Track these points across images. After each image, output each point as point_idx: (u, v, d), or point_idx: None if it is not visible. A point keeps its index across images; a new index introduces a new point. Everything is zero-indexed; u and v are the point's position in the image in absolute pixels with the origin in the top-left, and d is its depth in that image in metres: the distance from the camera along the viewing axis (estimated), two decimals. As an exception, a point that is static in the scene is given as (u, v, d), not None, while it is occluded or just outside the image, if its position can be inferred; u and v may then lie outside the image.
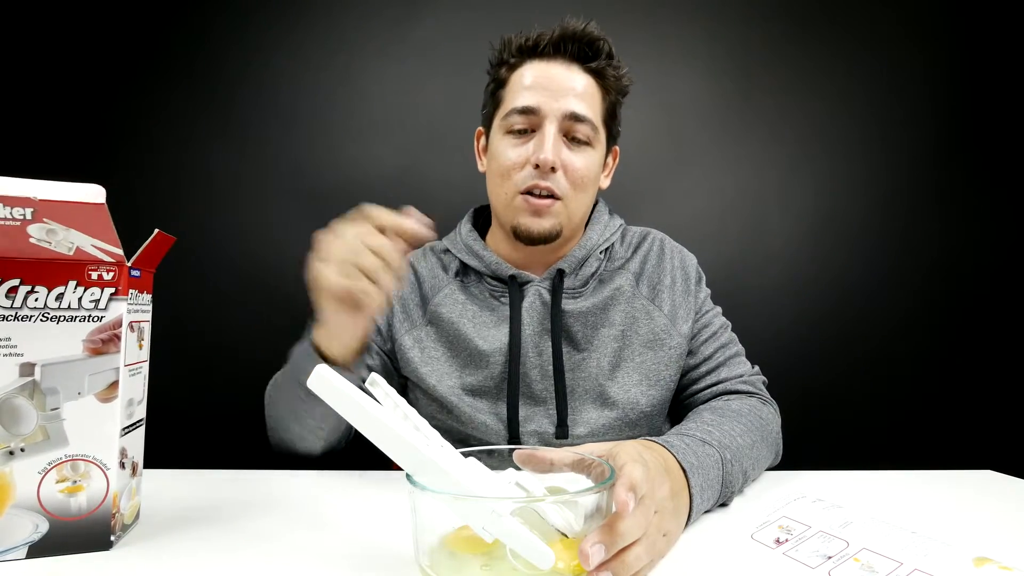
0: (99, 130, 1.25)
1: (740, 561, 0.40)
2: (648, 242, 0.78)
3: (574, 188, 0.68)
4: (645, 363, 0.71)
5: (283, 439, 0.67)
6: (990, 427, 1.42)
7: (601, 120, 0.70)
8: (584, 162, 0.68)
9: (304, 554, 0.41)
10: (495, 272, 0.72)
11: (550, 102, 0.66)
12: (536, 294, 0.71)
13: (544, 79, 0.67)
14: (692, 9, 1.39)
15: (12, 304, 0.38)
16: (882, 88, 1.42)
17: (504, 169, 0.68)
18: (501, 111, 0.70)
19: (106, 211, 0.37)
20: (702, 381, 0.72)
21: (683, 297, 0.73)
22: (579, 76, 0.68)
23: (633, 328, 0.71)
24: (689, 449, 0.49)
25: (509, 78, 0.70)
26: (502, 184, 0.69)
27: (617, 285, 0.73)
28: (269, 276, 1.30)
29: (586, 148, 0.69)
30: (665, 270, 0.74)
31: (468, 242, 0.75)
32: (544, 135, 0.66)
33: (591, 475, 0.37)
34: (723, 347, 0.74)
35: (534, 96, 0.66)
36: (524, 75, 0.68)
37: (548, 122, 0.66)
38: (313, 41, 1.30)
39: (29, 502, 0.39)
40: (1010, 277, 1.43)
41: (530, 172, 0.67)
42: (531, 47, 0.68)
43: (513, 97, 0.68)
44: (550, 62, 0.68)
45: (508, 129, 0.69)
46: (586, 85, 0.68)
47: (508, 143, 0.69)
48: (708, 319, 0.75)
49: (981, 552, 0.38)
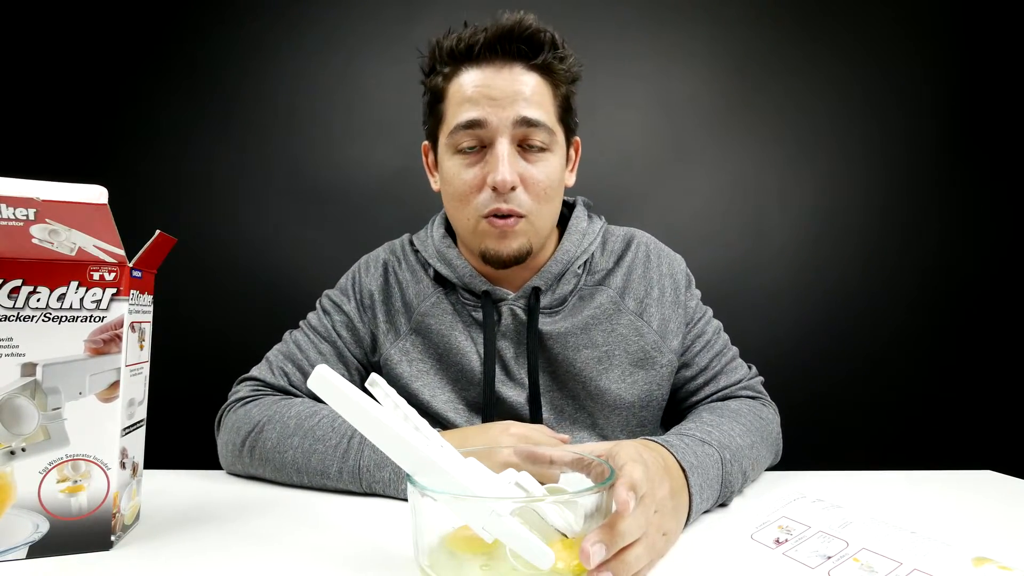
0: (101, 131, 1.26)
1: (740, 561, 0.40)
2: (632, 250, 0.72)
3: (538, 201, 0.63)
4: (636, 383, 0.68)
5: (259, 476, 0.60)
6: (990, 427, 1.42)
7: (556, 119, 0.64)
8: (545, 172, 0.62)
9: (304, 554, 0.41)
10: (468, 286, 0.68)
11: (497, 112, 0.60)
12: (511, 313, 0.67)
13: (486, 87, 0.60)
14: (692, 9, 1.39)
15: (14, 304, 0.39)
16: (882, 88, 1.42)
17: (460, 194, 0.63)
18: (445, 127, 0.64)
19: (108, 212, 0.37)
20: (701, 392, 0.70)
21: (672, 309, 0.70)
22: (524, 76, 0.61)
23: (620, 347, 0.67)
24: (688, 449, 0.49)
25: (447, 89, 0.63)
26: (462, 209, 0.64)
27: (598, 304, 0.68)
28: (269, 276, 1.30)
29: (544, 155, 0.63)
30: (652, 281, 0.70)
31: (441, 249, 0.70)
32: (496, 153, 0.60)
33: (591, 475, 0.37)
34: (718, 355, 0.71)
35: (478, 108, 0.60)
36: (463, 85, 0.61)
37: (499, 135, 0.60)
38: (313, 41, 1.31)
39: (30, 502, 0.39)
40: (1010, 277, 1.43)
41: (489, 195, 0.61)
42: (464, 51, 0.61)
43: (455, 111, 0.62)
44: (489, 66, 0.61)
45: (456, 148, 0.62)
46: (534, 85, 0.61)
47: (459, 164, 0.63)
48: (701, 328, 0.72)
49: (980, 552, 0.38)
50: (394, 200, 1.32)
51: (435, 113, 0.66)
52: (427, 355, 0.69)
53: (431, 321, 0.69)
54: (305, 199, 1.31)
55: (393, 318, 0.71)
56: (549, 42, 0.62)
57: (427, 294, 0.70)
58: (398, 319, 0.71)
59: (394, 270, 0.73)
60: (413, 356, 0.69)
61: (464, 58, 0.62)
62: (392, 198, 1.32)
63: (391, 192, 1.32)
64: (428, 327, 0.69)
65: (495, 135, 0.60)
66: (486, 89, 0.60)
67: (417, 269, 0.72)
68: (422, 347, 0.69)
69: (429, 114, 0.67)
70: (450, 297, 0.70)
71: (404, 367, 0.69)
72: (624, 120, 1.40)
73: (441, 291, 0.70)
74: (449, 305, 0.69)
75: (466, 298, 0.69)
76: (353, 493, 0.55)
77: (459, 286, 0.68)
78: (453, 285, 0.69)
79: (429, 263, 0.71)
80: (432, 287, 0.70)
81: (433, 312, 0.69)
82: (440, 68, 0.64)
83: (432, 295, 0.70)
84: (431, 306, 0.69)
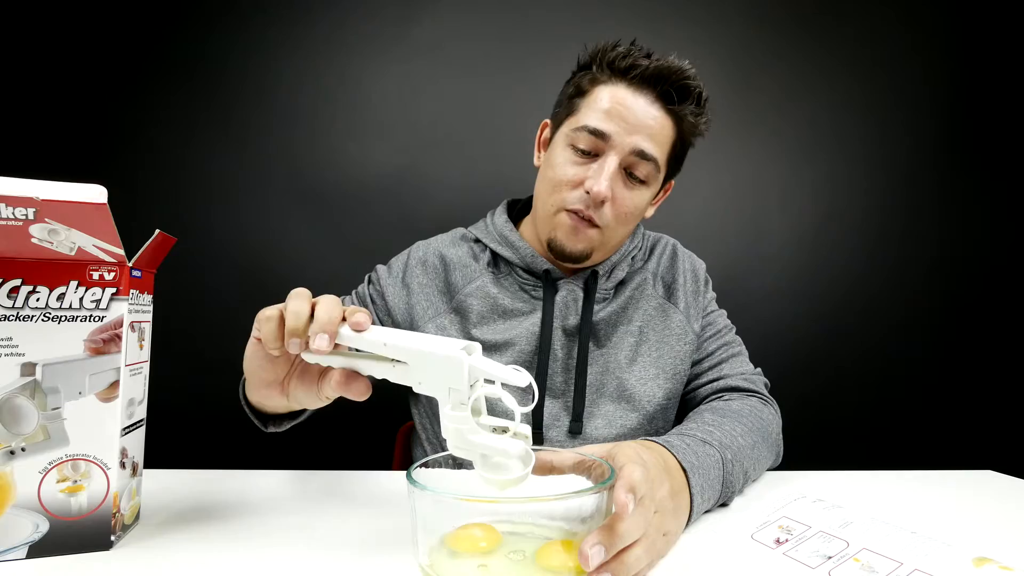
0: (101, 130, 1.25)
1: (740, 561, 0.40)
2: (661, 246, 0.80)
3: (617, 221, 0.67)
4: (662, 357, 0.72)
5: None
6: (990, 427, 1.42)
7: (665, 161, 0.68)
8: (635, 201, 0.67)
9: (304, 554, 0.41)
10: (529, 265, 0.72)
11: (622, 135, 0.64)
12: (570, 291, 0.71)
13: (623, 108, 0.64)
14: (692, 9, 1.39)
15: (14, 304, 0.39)
16: (882, 88, 1.42)
17: (557, 182, 0.67)
18: (572, 121, 0.68)
19: (108, 211, 0.37)
20: (704, 376, 0.74)
21: (693, 297, 0.76)
22: (658, 113, 0.65)
23: (650, 325, 0.73)
24: (689, 449, 0.49)
25: (591, 91, 0.67)
26: (551, 195, 0.68)
27: (636, 284, 0.74)
28: (269, 276, 1.30)
29: (641, 187, 0.68)
30: (678, 271, 0.77)
31: (504, 232, 0.74)
32: (605, 165, 0.64)
33: (591, 476, 0.37)
34: (726, 345, 0.76)
35: (608, 123, 0.64)
36: (606, 95, 0.65)
37: (614, 152, 0.65)
38: (313, 41, 1.30)
39: (29, 502, 0.39)
40: (1010, 277, 1.43)
41: (581, 195, 0.66)
42: (624, 70, 0.65)
43: (588, 114, 0.66)
44: (636, 92, 0.65)
45: (573, 143, 0.67)
46: (662, 124, 0.66)
47: (568, 157, 0.67)
48: (713, 318, 0.77)
49: (981, 552, 0.38)
50: (394, 200, 1.32)
51: (571, 104, 0.69)
52: (463, 333, 0.72)
53: (473, 301, 0.72)
54: (305, 199, 1.31)
55: (432, 298, 0.74)
56: (695, 96, 0.66)
57: (474, 276, 0.74)
58: (436, 298, 0.74)
59: (445, 255, 0.76)
60: (450, 332, 0.72)
61: (621, 74, 0.65)
62: (392, 198, 1.32)
63: (391, 192, 1.32)
64: (469, 307, 0.72)
65: (610, 150, 0.65)
66: (623, 109, 0.64)
67: (466, 255, 0.76)
68: (459, 325, 0.72)
69: (566, 102, 0.70)
70: (499, 279, 0.73)
71: None
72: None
73: (490, 273, 0.73)
74: (495, 287, 0.72)
75: (524, 278, 0.73)
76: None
77: (519, 266, 0.73)
78: (508, 266, 0.74)
79: (487, 246, 0.75)
80: (480, 270, 0.74)
81: (477, 293, 0.72)
82: (596, 72, 0.67)
83: (479, 277, 0.73)
84: (476, 288, 0.73)
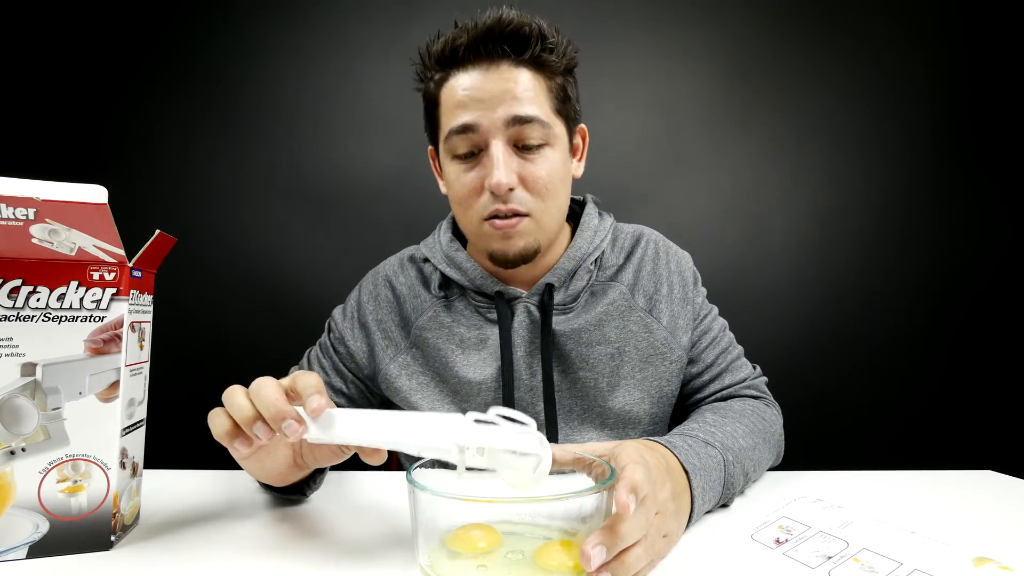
0: (101, 131, 1.25)
1: (740, 561, 0.40)
2: (642, 247, 0.72)
3: (541, 199, 0.61)
4: (646, 379, 0.67)
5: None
6: (990, 427, 1.42)
7: (553, 112, 0.62)
8: (545, 168, 0.61)
9: (304, 554, 0.41)
10: (479, 288, 0.67)
11: (487, 114, 0.58)
12: (525, 311, 0.67)
13: (474, 90, 0.59)
14: (692, 9, 1.39)
15: (14, 304, 0.39)
16: (882, 88, 1.42)
17: (461, 198, 0.63)
18: (441, 133, 0.63)
19: (108, 211, 0.37)
20: (706, 389, 0.70)
21: (681, 306, 0.70)
22: (513, 73, 0.59)
23: (631, 343, 0.67)
24: (692, 450, 0.49)
25: (440, 95, 0.62)
26: (465, 213, 0.64)
27: (610, 299, 0.68)
28: (269, 276, 1.30)
29: (543, 151, 0.61)
30: (662, 278, 0.70)
31: (449, 253, 0.69)
32: (491, 155, 0.59)
33: (591, 475, 0.37)
34: (724, 352, 0.71)
35: (468, 112, 0.59)
36: (453, 89, 0.60)
37: (492, 137, 0.59)
38: (313, 41, 1.31)
39: (30, 502, 0.39)
40: (1010, 277, 1.43)
41: (488, 197, 0.60)
42: (450, 55, 0.60)
43: (448, 117, 0.61)
44: (476, 68, 0.59)
45: (453, 152, 0.62)
46: (524, 81, 0.59)
47: (457, 169, 0.62)
48: (707, 324, 0.72)
49: (981, 552, 0.38)
50: (394, 200, 1.32)
51: (432, 120, 0.65)
52: (427, 369, 0.69)
53: (428, 335, 0.68)
54: (305, 199, 1.31)
55: (390, 332, 0.70)
56: (536, 35, 0.59)
57: (424, 307, 0.70)
58: (395, 333, 0.70)
59: (394, 284, 0.73)
60: (414, 370, 0.69)
61: (451, 62, 0.60)
62: (392, 198, 1.32)
63: (391, 192, 1.32)
64: (426, 341, 0.68)
65: (488, 138, 0.59)
66: (475, 92, 0.59)
67: (415, 282, 0.72)
68: (422, 361, 0.69)
69: (428, 121, 0.67)
70: (451, 305, 0.69)
71: (404, 381, 0.68)
72: (624, 120, 1.40)
73: (441, 302, 0.69)
74: (447, 316, 0.68)
75: (478, 300, 0.68)
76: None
77: (470, 288, 0.68)
78: (463, 289, 0.69)
79: (436, 268, 0.70)
80: (431, 300, 0.70)
81: (430, 326, 0.68)
82: (431, 75, 0.63)
83: (430, 307, 0.69)
84: (429, 320, 0.69)
